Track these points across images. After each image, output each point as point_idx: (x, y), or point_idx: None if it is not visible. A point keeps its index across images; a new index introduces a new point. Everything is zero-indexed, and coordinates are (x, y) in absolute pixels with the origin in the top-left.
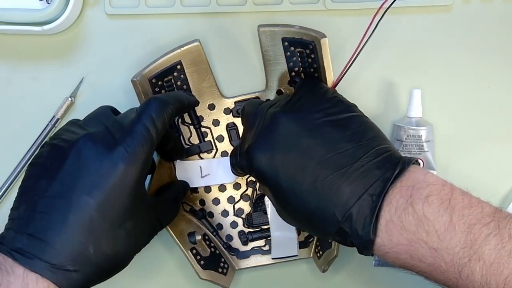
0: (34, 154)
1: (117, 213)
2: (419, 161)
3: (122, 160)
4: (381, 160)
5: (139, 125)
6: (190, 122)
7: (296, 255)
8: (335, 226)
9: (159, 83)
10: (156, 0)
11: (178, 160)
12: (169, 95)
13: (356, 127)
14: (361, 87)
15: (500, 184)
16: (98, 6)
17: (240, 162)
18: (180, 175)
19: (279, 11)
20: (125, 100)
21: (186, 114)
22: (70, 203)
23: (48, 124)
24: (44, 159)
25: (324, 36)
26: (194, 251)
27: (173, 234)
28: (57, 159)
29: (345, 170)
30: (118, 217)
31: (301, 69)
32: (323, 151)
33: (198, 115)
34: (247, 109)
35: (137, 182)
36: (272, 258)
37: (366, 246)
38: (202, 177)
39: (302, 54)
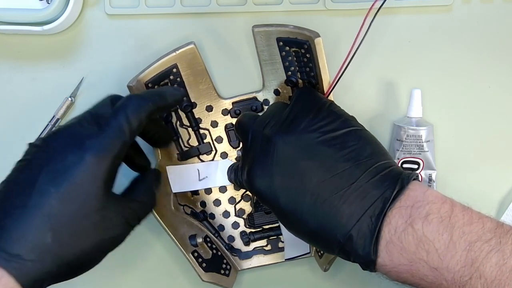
0: None
1: (81, 204)
2: (419, 176)
3: (89, 153)
4: (379, 179)
5: (112, 121)
6: (189, 124)
7: (309, 253)
8: (338, 246)
9: (156, 87)
10: (156, 0)
11: (173, 166)
12: (150, 92)
13: (353, 144)
14: (361, 87)
15: (501, 183)
16: (98, 6)
17: (242, 185)
18: (177, 178)
19: (279, 11)
20: None
21: (184, 116)
22: (31, 191)
23: (48, 124)
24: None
25: (318, 35)
26: (196, 254)
27: (174, 238)
28: (28, 154)
29: (344, 192)
30: (82, 208)
31: (297, 68)
32: (321, 173)
33: (196, 117)
34: (242, 123)
35: (105, 175)
36: (286, 259)
37: (368, 265)
38: (200, 180)
39: (298, 53)
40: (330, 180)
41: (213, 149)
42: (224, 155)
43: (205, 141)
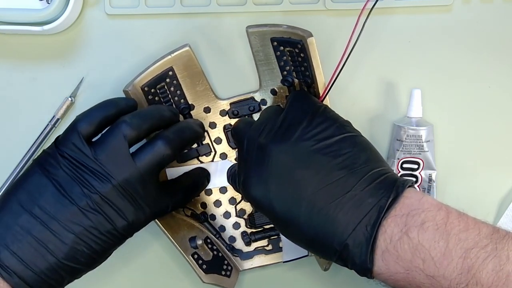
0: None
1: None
2: (415, 181)
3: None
4: (374, 186)
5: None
6: None
7: (307, 255)
8: (335, 254)
9: (152, 90)
10: (156, 0)
11: (172, 168)
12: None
13: (347, 151)
14: (361, 87)
15: (501, 183)
16: (98, 6)
17: (239, 192)
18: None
19: (278, 11)
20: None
21: (183, 118)
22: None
23: (48, 124)
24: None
25: (311, 35)
26: (196, 256)
27: (173, 240)
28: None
29: (339, 200)
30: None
31: (293, 68)
32: (316, 181)
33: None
34: (238, 130)
35: None
36: (284, 262)
37: (364, 273)
38: None
39: (292, 53)
40: (325, 188)
41: (212, 150)
42: (224, 156)
43: (204, 142)
